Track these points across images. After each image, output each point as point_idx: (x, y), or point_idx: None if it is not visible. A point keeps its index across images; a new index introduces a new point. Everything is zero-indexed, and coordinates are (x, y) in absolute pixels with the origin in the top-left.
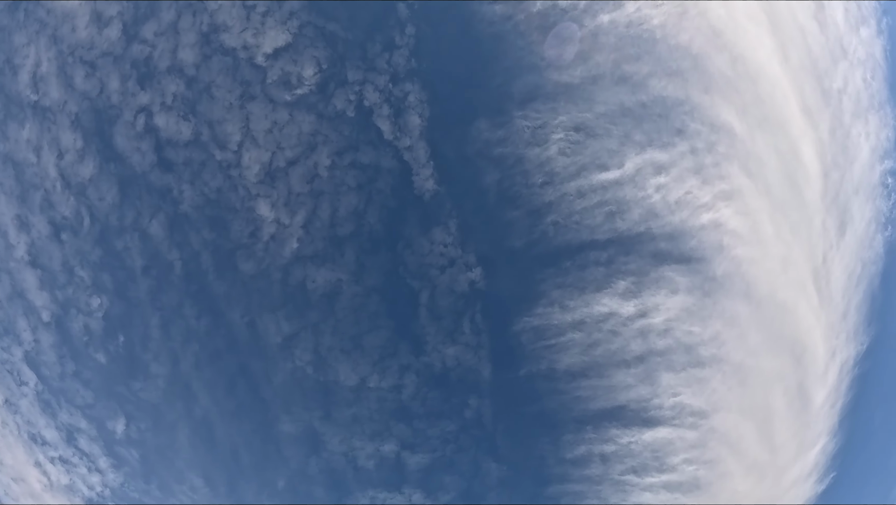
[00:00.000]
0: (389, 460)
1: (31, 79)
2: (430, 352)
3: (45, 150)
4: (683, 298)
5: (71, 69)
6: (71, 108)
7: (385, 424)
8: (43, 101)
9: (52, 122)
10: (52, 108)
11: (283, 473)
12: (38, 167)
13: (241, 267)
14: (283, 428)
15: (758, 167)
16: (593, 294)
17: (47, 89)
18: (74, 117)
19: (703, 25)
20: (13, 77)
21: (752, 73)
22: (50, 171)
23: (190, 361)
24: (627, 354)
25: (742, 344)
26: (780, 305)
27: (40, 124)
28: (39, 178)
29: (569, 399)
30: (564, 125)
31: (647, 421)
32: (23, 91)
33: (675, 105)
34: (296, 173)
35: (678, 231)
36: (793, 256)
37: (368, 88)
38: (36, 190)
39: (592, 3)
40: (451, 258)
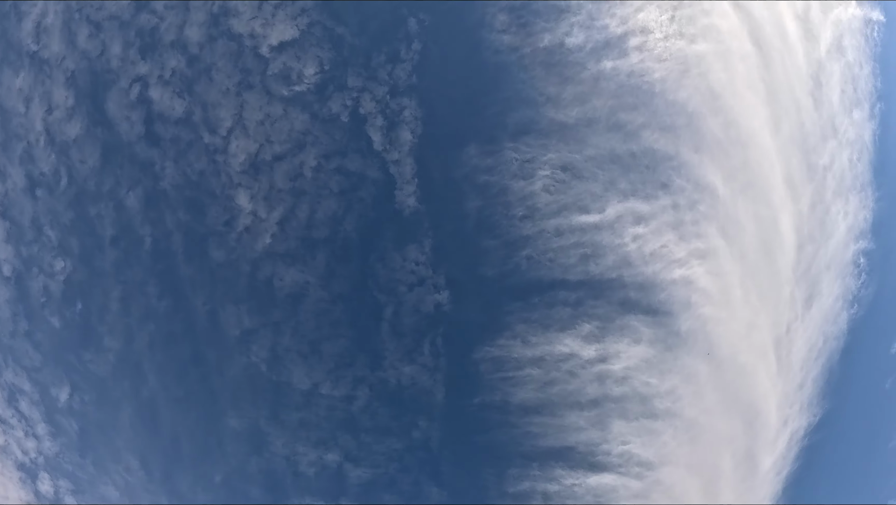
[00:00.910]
0: (331, 470)
1: (35, 28)
2: (387, 368)
3: (35, 102)
4: (645, 348)
5: (76, 26)
6: (68, 65)
7: (331, 433)
8: (42, 52)
9: (47, 75)
10: (50, 62)
11: (222, 468)
12: (25, 118)
13: (212, 254)
14: (229, 423)
15: (736, 231)
16: (557, 333)
17: (49, 42)
18: (70, 75)
19: (703, 86)
20: (17, 23)
21: (743, 140)
22: (36, 125)
23: (144, 340)
24: (583, 396)
25: (697, 402)
26: (739, 368)
27: (35, 76)
28: (24, 130)
29: (519, 433)
30: (552, 163)
31: (594, 465)
32: (24, 39)
33: (664, 159)
34: (280, 169)
35: (649, 282)
36: (758, 322)
37: (366, 97)
38: (19, 141)
39: (598, 48)
40: (421, 277)
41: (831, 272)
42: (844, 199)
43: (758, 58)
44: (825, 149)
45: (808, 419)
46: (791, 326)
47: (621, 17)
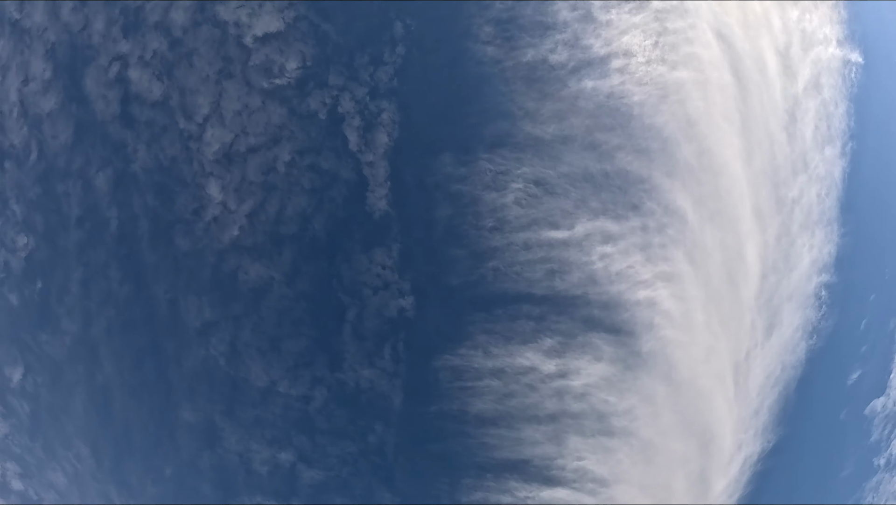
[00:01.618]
0: (284, 470)
1: None
2: (346, 370)
3: (12, 71)
4: (605, 367)
5: None
6: (49, 37)
7: (286, 433)
8: (24, 21)
9: (27, 45)
10: (31, 32)
11: (174, 461)
12: (0, 88)
13: (177, 242)
14: (183, 415)
15: (702, 257)
16: (518, 346)
17: (31, 11)
18: (50, 47)
19: (680, 113)
20: None
21: (715, 168)
22: (10, 95)
23: (103, 325)
24: (541, 410)
25: (654, 422)
26: (697, 391)
27: (14, 45)
28: None
29: (474, 444)
30: (526, 177)
31: (548, 480)
32: (6, 7)
33: (637, 181)
34: (254, 161)
35: (613, 302)
36: (718, 347)
37: (346, 96)
38: None
39: (580, 67)
40: (387, 282)
41: (793, 303)
42: (810, 233)
43: (736, 89)
44: (795, 182)
45: (762, 445)
46: (750, 353)
47: (606, 39)
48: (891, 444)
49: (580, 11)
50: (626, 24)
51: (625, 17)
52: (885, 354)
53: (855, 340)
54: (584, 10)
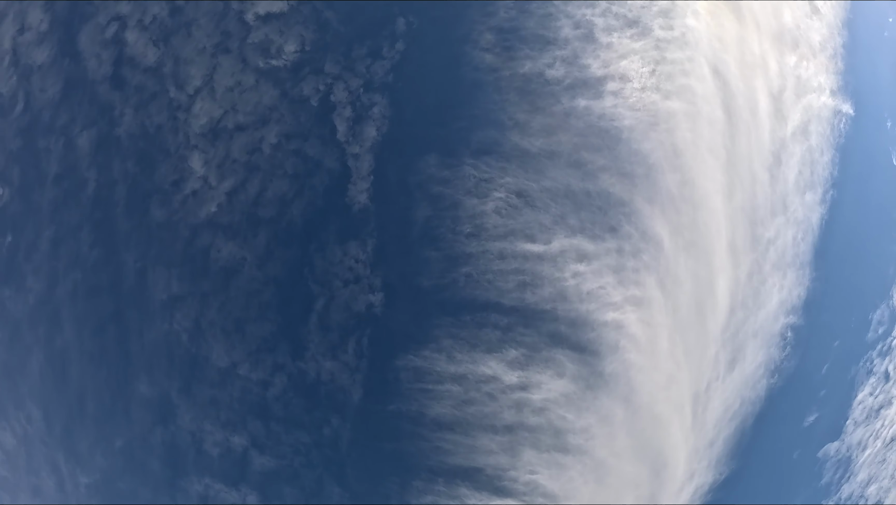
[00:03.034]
0: (235, 454)
1: None
2: (308, 360)
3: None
4: (567, 384)
5: None
6: None
7: (241, 416)
8: None
9: None
10: None
11: (125, 433)
12: None
13: (153, 212)
14: (139, 388)
15: (673, 285)
16: (482, 354)
17: None
18: None
19: (668, 142)
20: None
21: (696, 200)
22: (4, 43)
23: (68, 287)
24: (498, 420)
25: (609, 443)
26: (655, 417)
27: None
28: None
29: (429, 447)
30: (508, 187)
31: (499, 490)
32: None
33: (617, 204)
34: (240, 140)
35: (581, 320)
36: (680, 376)
37: (339, 86)
38: None
39: (575, 85)
40: (358, 276)
41: (758, 340)
42: (782, 274)
43: (725, 125)
44: (773, 223)
45: (714, 476)
46: (711, 385)
47: (604, 61)
48: (841, 487)
49: (582, 30)
50: (626, 48)
51: (625, 42)
52: (843, 399)
53: (815, 384)
54: (587, 29)
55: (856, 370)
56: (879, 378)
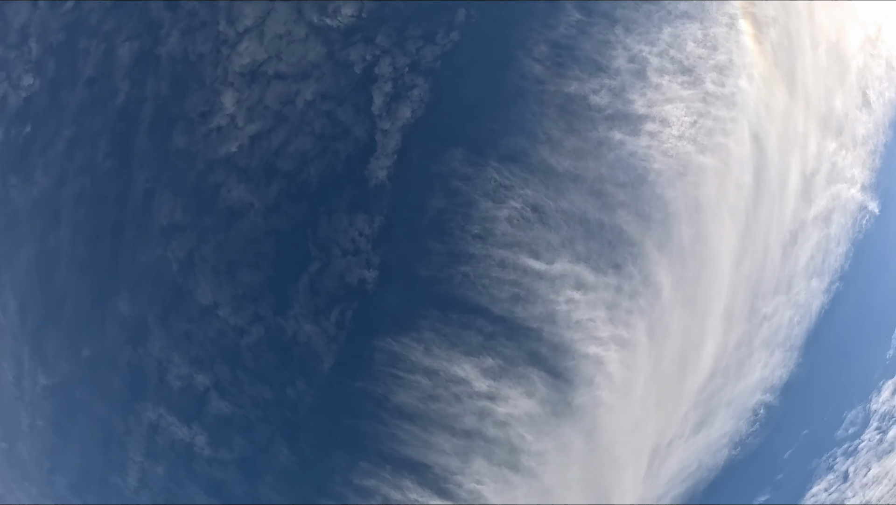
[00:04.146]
0: (195, 392)
1: None
2: (290, 318)
3: None
4: (534, 404)
5: None
6: None
7: (211, 357)
8: None
9: None
10: None
11: (94, 345)
12: None
13: (175, 137)
14: (119, 305)
15: (662, 335)
16: (459, 355)
17: None
18: None
19: (692, 195)
20: None
21: (704, 257)
22: None
23: (75, 190)
24: (458, 423)
25: (561, 473)
26: (611, 458)
27: None
28: None
29: (385, 432)
30: (526, 198)
31: (442, 491)
32: None
33: (627, 243)
34: (276, 88)
35: (564, 346)
36: (646, 425)
37: (386, 60)
38: None
39: (615, 116)
40: (359, 249)
41: (729, 409)
42: (770, 352)
43: (752, 193)
44: (773, 300)
45: None
46: (673, 442)
47: (650, 100)
48: None
49: (636, 65)
50: (673, 93)
51: (674, 87)
52: (798, 489)
53: (774, 466)
54: (640, 65)
55: (817, 463)
56: (838, 477)
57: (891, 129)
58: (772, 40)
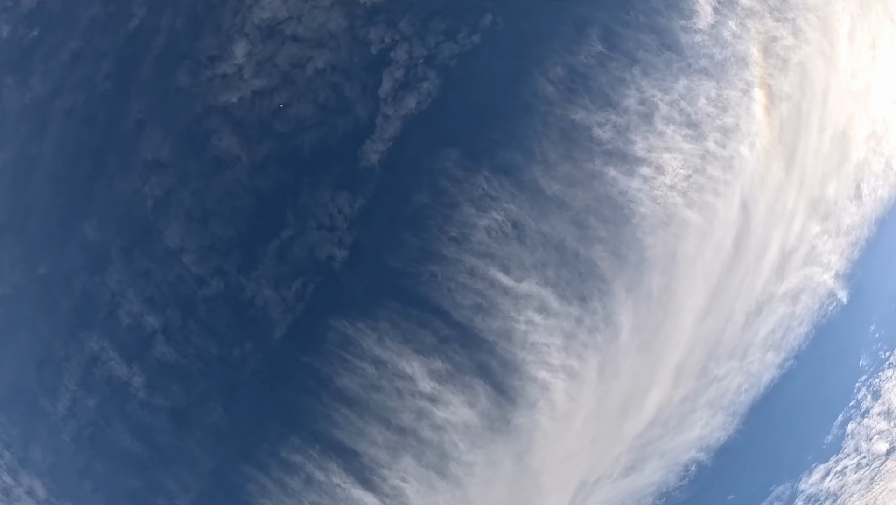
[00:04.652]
0: (143, 332)
1: None
2: (251, 279)
3: None
4: (473, 415)
5: None
6: None
7: (165, 301)
8: None
9: None
10: None
11: (51, 264)
12: None
13: (179, 75)
14: (86, 229)
15: (611, 375)
16: (410, 352)
17: None
18: None
19: (671, 245)
20: None
21: (669, 309)
22: None
23: (67, 104)
24: (395, 418)
25: (485, 488)
26: (537, 484)
27: None
28: None
29: (321, 412)
30: (508, 213)
31: (365, 481)
32: None
33: (597, 278)
34: (290, 49)
35: (514, 365)
36: (577, 459)
37: (404, 47)
38: None
39: (614, 153)
40: (334, 226)
41: (662, 461)
42: (712, 413)
43: (729, 257)
44: (726, 364)
45: None
46: (601, 481)
47: (650, 145)
48: None
49: (645, 108)
50: (675, 144)
51: (677, 138)
52: None
53: None
54: (649, 109)
55: None
56: None
57: (876, 226)
58: (781, 115)
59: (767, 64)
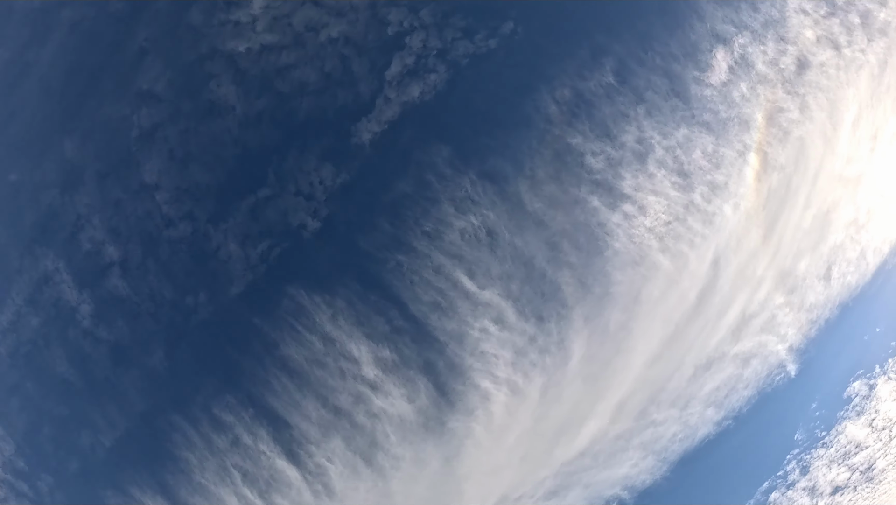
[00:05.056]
0: (100, 261)
1: None
2: (219, 230)
3: None
4: (410, 410)
5: None
6: None
7: (129, 234)
8: None
9: None
10: None
11: (24, 173)
12: None
13: (192, 12)
14: (65, 146)
15: (553, 397)
16: (361, 335)
17: None
18: None
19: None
20: None
21: (622, 346)
22: None
23: (76, 16)
24: (333, 397)
25: (408, 483)
26: (459, 490)
27: None
28: None
29: (262, 377)
30: (485, 220)
31: (292, 454)
32: None
33: (559, 302)
34: (307, 12)
35: (460, 369)
36: (504, 473)
37: (420, 35)
38: None
39: (600, 184)
40: (312, 195)
41: (585, 491)
42: (643, 455)
43: (691, 309)
44: (666, 411)
45: None
46: (522, 499)
47: (637, 185)
48: None
49: (641, 148)
50: (662, 189)
51: (666, 184)
52: None
53: None
54: (645, 149)
55: None
56: None
57: (838, 309)
58: (771, 184)
59: (768, 132)
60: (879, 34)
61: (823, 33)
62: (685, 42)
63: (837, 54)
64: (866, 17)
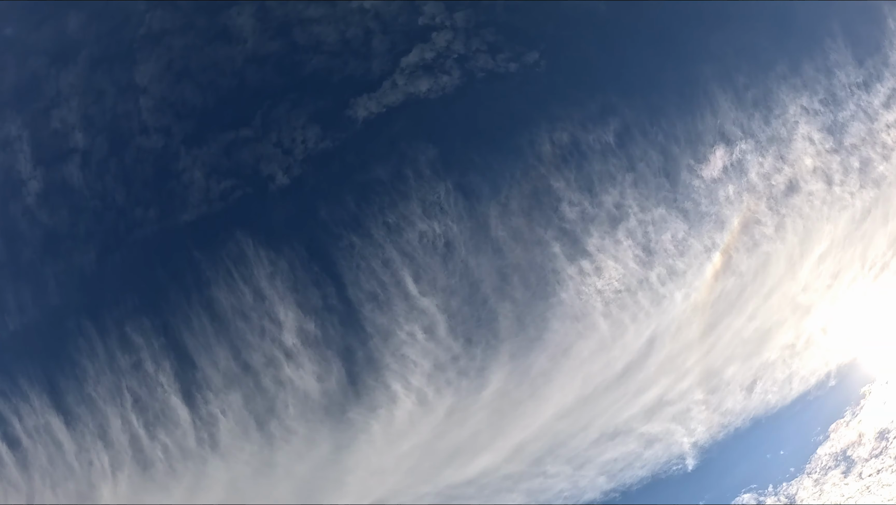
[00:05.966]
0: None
1: None
2: (190, 155)
3: None
4: (317, 389)
5: None
6: None
7: (101, 127)
8: None
9: None
10: None
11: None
12: None
13: None
14: (69, 19)
15: (457, 420)
16: (293, 301)
17: None
18: None
19: (570, 339)
20: None
21: (537, 392)
22: None
23: None
24: (246, 352)
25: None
26: (339, 480)
27: None
28: None
29: (183, 309)
30: (447, 231)
31: (188, 395)
32: None
33: (491, 331)
34: None
35: (378, 365)
36: (388, 477)
37: (447, 35)
38: None
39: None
40: (290, 151)
41: None
42: (525, 501)
43: (614, 378)
44: (560, 466)
45: None
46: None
47: (602, 246)
48: None
49: (616, 213)
50: (623, 256)
51: (628, 254)
52: None
53: None
54: (620, 215)
55: None
56: None
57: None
58: (726, 286)
59: (740, 238)
60: (872, 184)
61: (821, 166)
62: (691, 129)
63: (828, 189)
64: (866, 165)
